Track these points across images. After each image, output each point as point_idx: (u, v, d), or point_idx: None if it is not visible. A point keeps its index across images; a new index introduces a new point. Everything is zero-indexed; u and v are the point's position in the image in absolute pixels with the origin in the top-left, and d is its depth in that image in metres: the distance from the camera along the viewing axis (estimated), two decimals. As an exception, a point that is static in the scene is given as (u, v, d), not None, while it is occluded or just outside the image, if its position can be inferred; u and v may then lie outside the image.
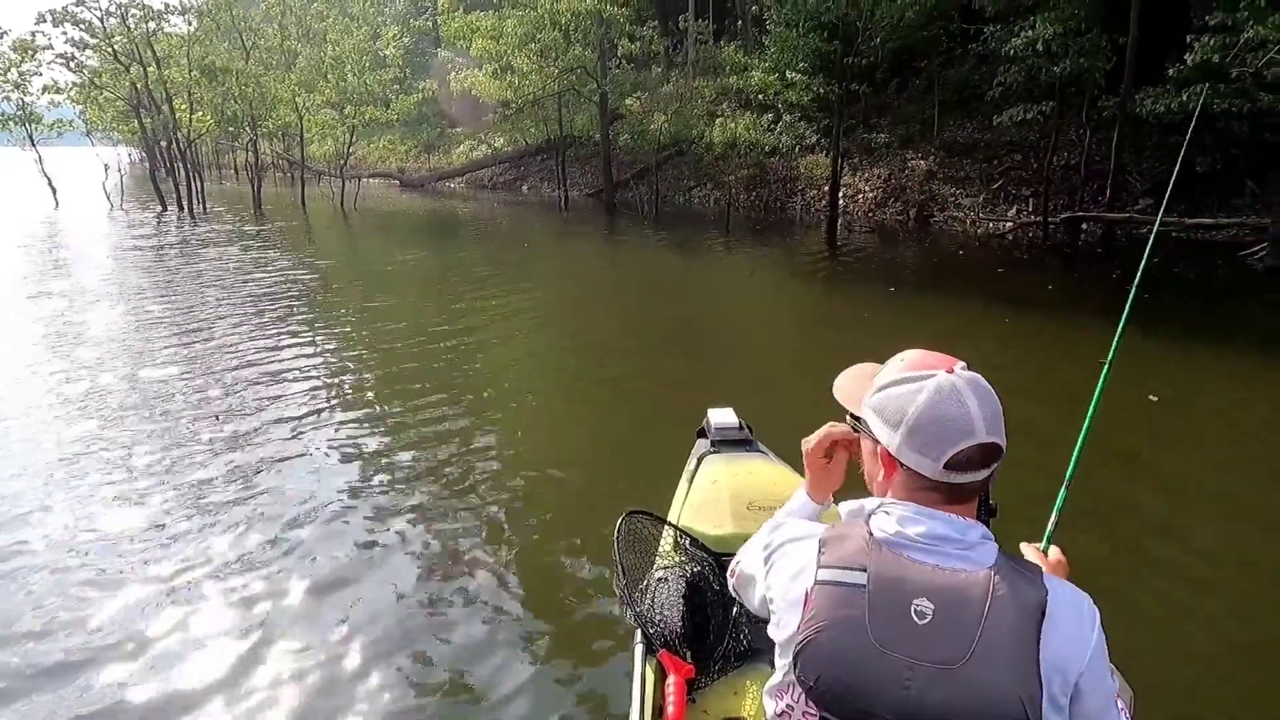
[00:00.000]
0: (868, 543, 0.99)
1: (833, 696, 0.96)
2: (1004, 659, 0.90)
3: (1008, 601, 0.91)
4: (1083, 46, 10.17)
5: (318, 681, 2.47)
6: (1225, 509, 3.65)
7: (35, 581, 3.00)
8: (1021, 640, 0.90)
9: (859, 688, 0.94)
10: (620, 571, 1.78)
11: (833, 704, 0.96)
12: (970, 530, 0.98)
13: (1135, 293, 1.84)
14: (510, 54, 18.41)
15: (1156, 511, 3.60)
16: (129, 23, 18.98)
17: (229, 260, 11.55)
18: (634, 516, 1.93)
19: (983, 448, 0.96)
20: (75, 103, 21.86)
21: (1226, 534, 3.43)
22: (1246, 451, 4.34)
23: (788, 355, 6.68)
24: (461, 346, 6.53)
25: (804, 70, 16.48)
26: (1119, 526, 3.41)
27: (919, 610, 0.93)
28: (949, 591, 0.93)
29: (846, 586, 0.96)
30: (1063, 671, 0.92)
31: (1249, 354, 6.30)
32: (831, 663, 0.95)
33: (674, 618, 1.73)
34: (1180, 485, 3.90)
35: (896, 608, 0.94)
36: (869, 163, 17.51)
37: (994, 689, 0.89)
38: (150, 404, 5.00)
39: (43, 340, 6.62)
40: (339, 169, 22.56)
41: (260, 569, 3.08)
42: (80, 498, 3.69)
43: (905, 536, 0.98)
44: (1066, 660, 0.92)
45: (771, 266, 11.46)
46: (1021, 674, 0.90)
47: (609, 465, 4.21)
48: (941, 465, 0.97)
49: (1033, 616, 0.91)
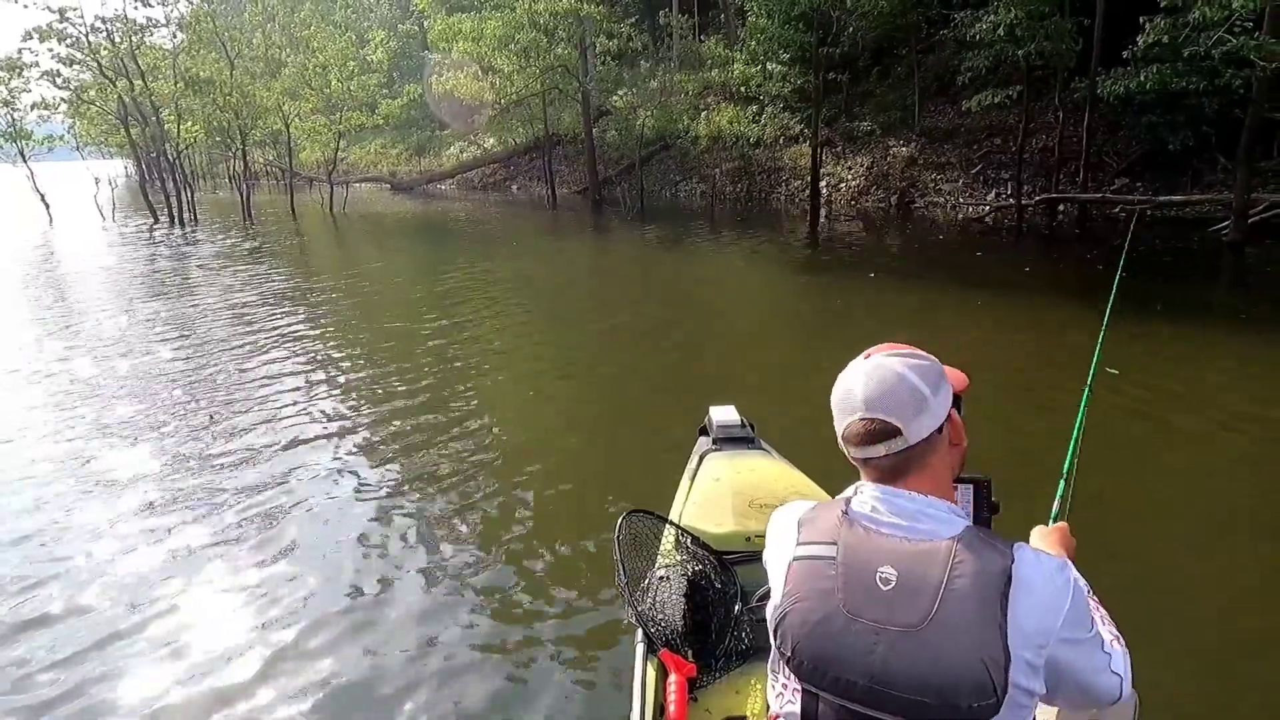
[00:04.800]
0: (840, 519, 1.05)
1: (810, 666, 1.00)
2: (964, 623, 0.92)
3: (969, 567, 0.95)
4: (1048, 30, 10.26)
5: (317, 680, 2.47)
6: (1183, 476, 3.76)
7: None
8: (985, 605, 0.92)
9: (831, 654, 0.98)
10: (621, 570, 1.80)
11: (811, 674, 1.01)
12: (933, 505, 1.03)
13: (1113, 298, 1.84)
14: (491, 55, 18.54)
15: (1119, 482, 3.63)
16: (114, 39, 19.14)
17: (215, 269, 11.72)
18: (635, 516, 1.94)
19: (864, 422, 1.03)
20: (66, 117, 22.06)
21: (1183, 501, 3.53)
22: (1207, 418, 4.48)
23: (778, 349, 6.65)
24: (453, 348, 6.54)
25: (784, 61, 16.57)
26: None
27: (883, 577, 0.97)
28: (911, 558, 0.97)
29: (820, 560, 1.03)
30: (1033, 638, 0.93)
31: (1210, 324, 6.48)
32: (807, 632, 1.00)
33: (675, 616, 1.74)
34: (1140, 452, 4.01)
35: (863, 576, 0.99)
36: (852, 151, 17.59)
37: (955, 652, 0.92)
38: (148, 411, 5.12)
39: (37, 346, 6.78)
40: (329, 175, 22.72)
41: (259, 572, 3.11)
42: (77, 505, 3.77)
43: (876, 511, 1.04)
44: (1037, 627, 0.93)
45: (756, 258, 11.55)
46: (983, 638, 0.92)
47: (610, 463, 4.18)
48: (841, 439, 1.07)
49: (996, 583, 0.93)
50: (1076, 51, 11.12)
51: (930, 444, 1.04)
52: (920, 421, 1.02)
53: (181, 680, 2.53)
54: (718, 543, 1.96)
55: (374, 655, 2.57)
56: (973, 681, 0.91)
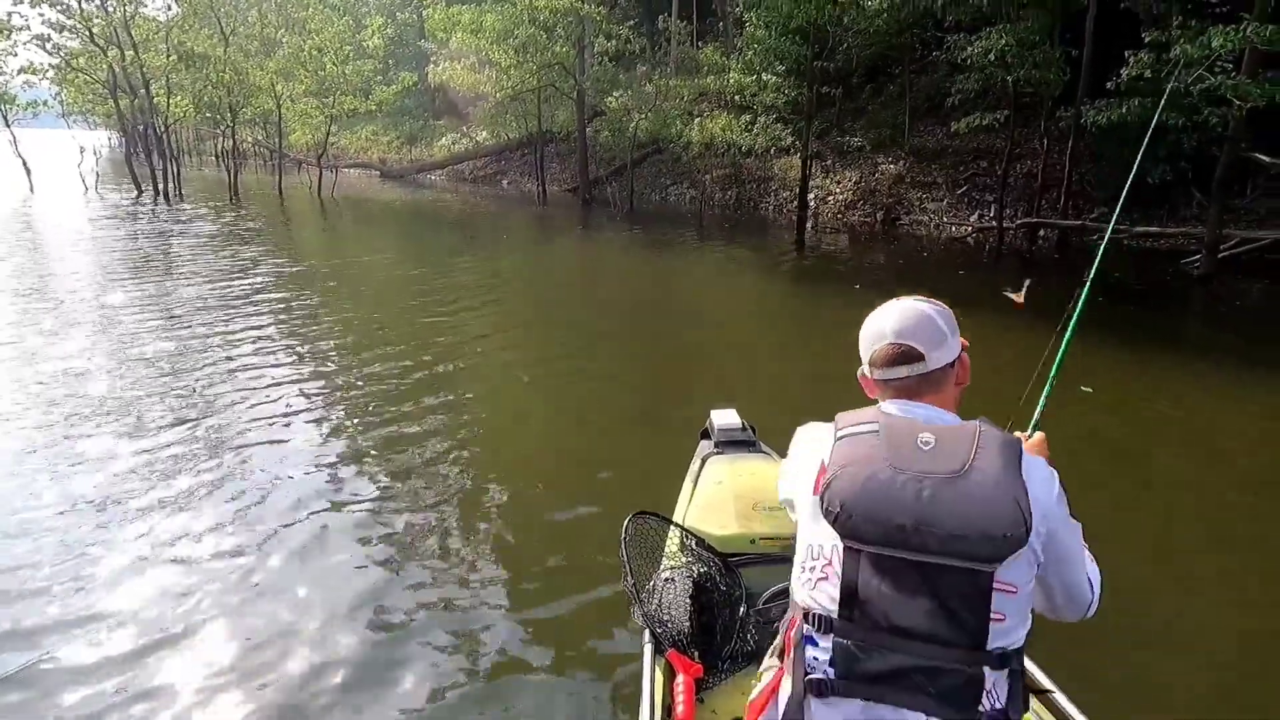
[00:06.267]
0: (876, 412, 1.26)
1: (861, 517, 1.13)
2: (996, 472, 1.11)
3: (992, 439, 1.15)
4: (1036, 58, 10.49)
5: (317, 679, 2.45)
6: (1152, 490, 3.95)
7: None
8: (1009, 465, 1.12)
9: (882, 503, 1.12)
10: (628, 572, 1.82)
11: (860, 526, 1.14)
12: (948, 413, 1.26)
13: (1087, 291, 1.98)
14: (489, 48, 18.56)
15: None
16: (107, 7, 18.92)
17: (199, 245, 11.63)
18: (640, 517, 1.96)
19: (892, 346, 1.27)
20: (53, 84, 21.74)
21: (1151, 511, 3.71)
22: (1172, 435, 4.77)
23: (767, 354, 6.69)
24: (448, 346, 6.41)
25: (779, 73, 16.74)
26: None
27: (923, 440, 1.16)
28: (946, 430, 1.18)
29: (863, 434, 1.20)
30: (1039, 504, 1.12)
31: (1178, 354, 6.69)
32: (857, 488, 1.14)
33: (681, 617, 1.75)
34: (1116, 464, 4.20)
35: (905, 440, 1.17)
36: (841, 165, 17.80)
37: (992, 492, 1.09)
38: (123, 389, 5.10)
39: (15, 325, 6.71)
40: (318, 158, 22.58)
41: (257, 573, 3.03)
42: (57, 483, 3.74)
43: (906, 411, 1.25)
44: (1037, 495, 1.12)
45: (743, 265, 11.67)
46: (1012, 485, 1.10)
47: (609, 462, 4.12)
48: (867, 363, 1.31)
49: (1014, 451, 1.14)
50: (1064, 80, 11.38)
51: (944, 373, 1.28)
52: (939, 352, 1.27)
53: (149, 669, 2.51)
54: (721, 545, 1.98)
55: (376, 657, 2.57)
56: (1008, 515, 1.08)
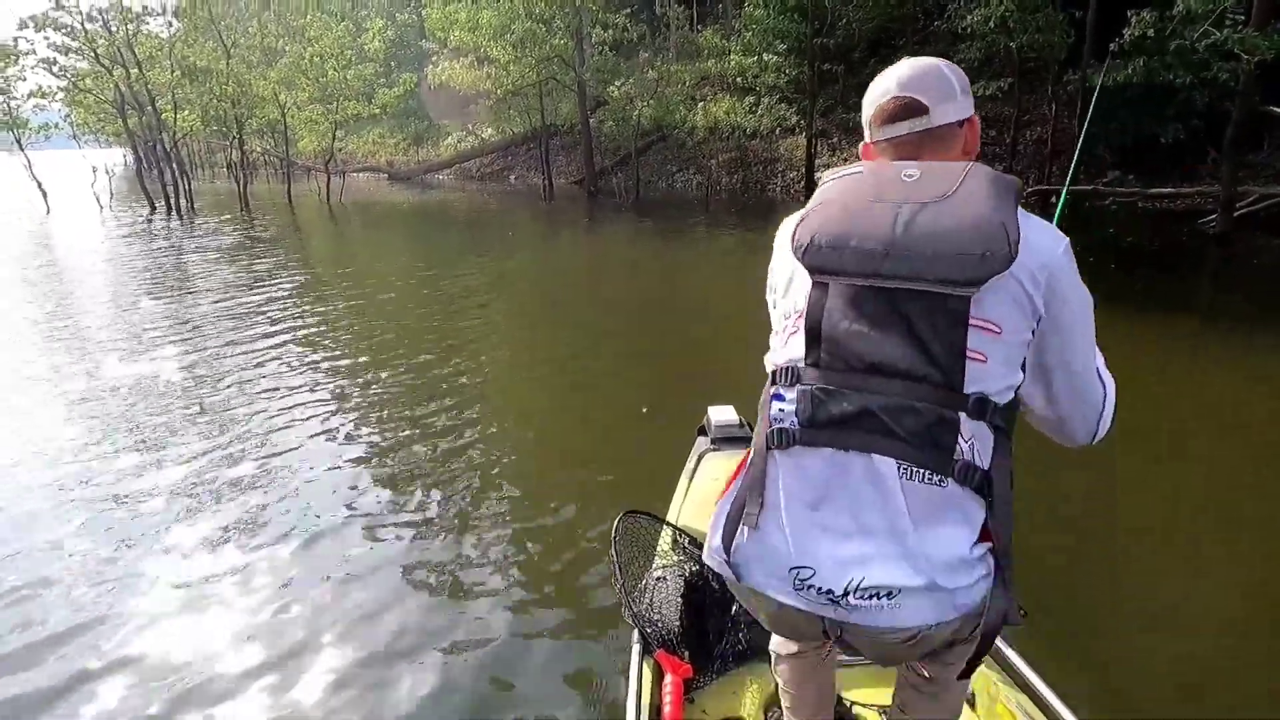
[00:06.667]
0: (867, 164, 1.16)
1: (829, 247, 1.05)
2: (984, 196, 0.99)
3: (986, 172, 1.03)
4: (1039, 22, 10.30)
5: (314, 677, 2.47)
6: (1161, 465, 3.85)
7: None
8: (1000, 195, 0.99)
9: (854, 229, 1.03)
10: (618, 571, 1.79)
11: (827, 255, 1.05)
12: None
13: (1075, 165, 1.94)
14: (487, 45, 18.56)
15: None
16: (110, 27, 19.13)
17: (212, 260, 11.79)
18: (632, 516, 1.93)
19: (894, 99, 1.14)
20: (63, 105, 22.07)
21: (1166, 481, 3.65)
22: (1184, 409, 4.64)
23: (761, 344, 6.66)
24: (446, 344, 6.48)
25: (780, 52, 16.59)
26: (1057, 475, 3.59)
27: (907, 174, 1.06)
28: (935, 164, 1.08)
29: (847, 176, 1.12)
30: (1037, 255, 1.00)
31: (1190, 322, 6.58)
32: (828, 217, 1.07)
33: (672, 617, 1.73)
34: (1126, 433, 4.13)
35: (889, 175, 1.08)
36: (848, 143, 17.62)
37: (977, 211, 0.98)
38: (147, 399, 5.20)
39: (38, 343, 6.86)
40: (326, 165, 22.75)
41: (257, 573, 3.07)
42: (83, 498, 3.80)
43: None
44: (1037, 242, 1.00)
45: (753, 249, 11.57)
46: (1002, 210, 0.98)
47: (607, 462, 4.12)
48: (867, 124, 1.18)
49: (1010, 186, 1.02)
50: (1069, 43, 11.17)
51: (950, 131, 1.14)
52: (946, 107, 1.12)
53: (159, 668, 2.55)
54: None
55: (363, 652, 2.58)
56: (990, 233, 0.96)
